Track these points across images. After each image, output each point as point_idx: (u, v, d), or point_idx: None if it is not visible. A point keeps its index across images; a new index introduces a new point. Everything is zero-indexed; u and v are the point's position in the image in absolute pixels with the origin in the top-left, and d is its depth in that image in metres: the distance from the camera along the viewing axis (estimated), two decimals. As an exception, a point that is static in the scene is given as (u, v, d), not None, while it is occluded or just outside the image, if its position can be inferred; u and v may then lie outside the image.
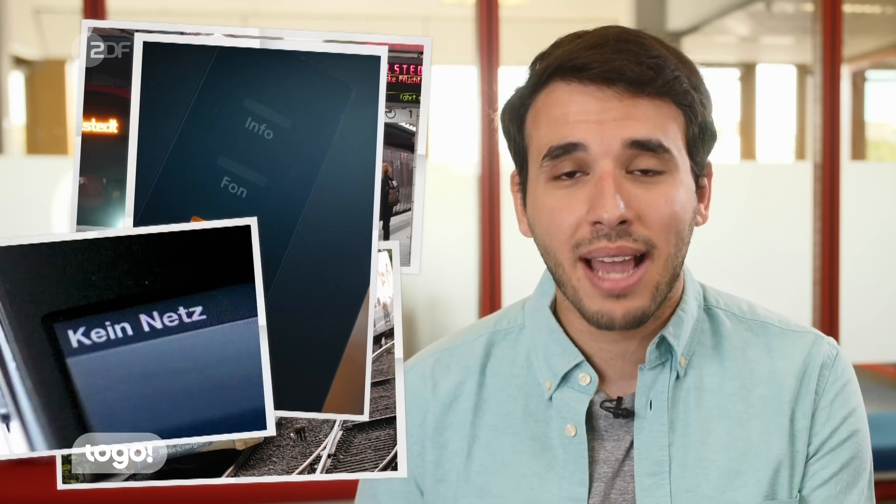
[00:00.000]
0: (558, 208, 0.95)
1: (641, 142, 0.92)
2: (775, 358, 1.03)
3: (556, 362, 1.02)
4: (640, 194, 0.93)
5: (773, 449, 0.99)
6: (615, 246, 0.92)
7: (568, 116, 0.94)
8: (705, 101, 0.98)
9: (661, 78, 0.93)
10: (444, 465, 1.04)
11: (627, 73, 0.92)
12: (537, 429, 1.02)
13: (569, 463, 0.99)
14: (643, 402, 0.99)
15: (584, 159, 0.93)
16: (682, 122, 0.96)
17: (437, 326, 3.66)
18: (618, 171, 0.93)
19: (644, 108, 0.93)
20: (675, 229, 0.94)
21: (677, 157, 0.95)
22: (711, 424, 1.00)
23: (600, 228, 0.92)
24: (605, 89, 0.93)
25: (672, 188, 0.94)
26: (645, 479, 0.98)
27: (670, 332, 1.00)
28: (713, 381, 1.01)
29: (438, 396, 1.05)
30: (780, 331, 1.05)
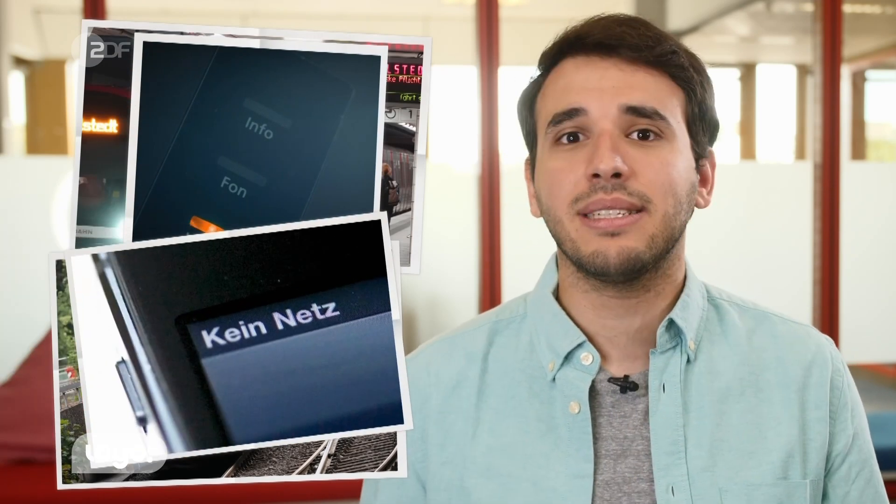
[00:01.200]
0: (559, 169, 0.99)
1: (637, 108, 0.97)
2: (780, 346, 1.06)
3: (559, 343, 1.03)
4: (636, 154, 0.97)
5: (784, 435, 1.02)
6: (611, 198, 0.95)
7: (571, 85, 1.00)
8: (706, 84, 1.02)
9: (659, 47, 0.98)
10: (449, 448, 1.04)
11: (627, 39, 0.98)
12: (542, 410, 1.02)
13: (573, 440, 1.00)
14: (656, 385, 1.01)
15: (584, 123, 0.98)
16: (681, 98, 1.00)
17: (437, 326, 3.66)
18: (616, 132, 0.97)
19: (642, 77, 0.98)
20: (671, 190, 0.97)
21: (674, 127, 0.99)
22: (725, 406, 1.02)
23: (597, 182, 0.96)
24: (606, 58, 0.99)
25: (669, 153, 0.98)
26: (662, 458, 0.99)
27: (678, 314, 1.02)
28: (724, 364, 1.04)
29: (441, 381, 1.06)
30: (782, 320, 1.09)
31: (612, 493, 0.99)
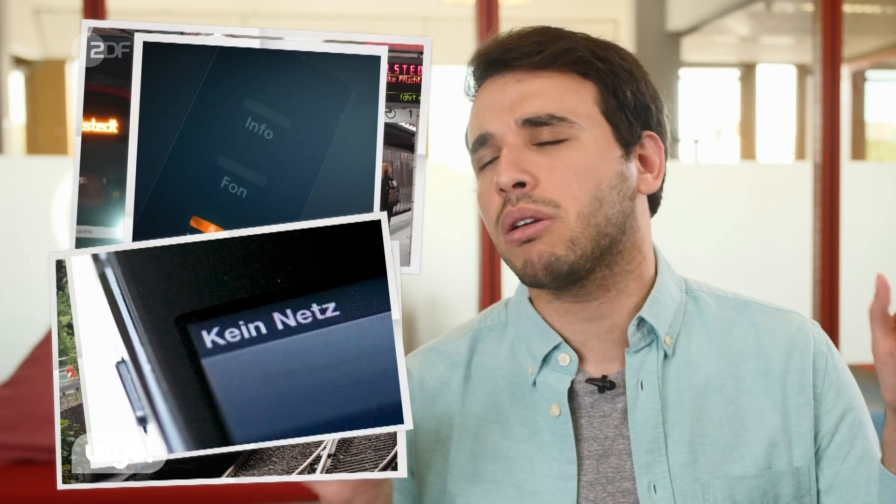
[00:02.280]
0: (482, 193, 1.02)
1: (532, 119, 0.98)
2: (761, 333, 1.05)
3: (536, 347, 1.04)
4: (541, 161, 0.97)
5: (766, 424, 1.01)
6: (517, 208, 0.97)
7: (479, 109, 1.03)
8: (620, 71, 1.01)
9: (548, 50, 0.99)
10: (433, 453, 1.05)
11: (517, 51, 1.00)
12: (524, 414, 1.03)
13: (556, 443, 1.01)
14: (634, 383, 1.01)
15: (494, 144, 1.00)
16: (591, 91, 1.00)
17: (437, 326, 3.66)
18: (519, 144, 0.98)
19: (539, 84, 0.99)
20: (583, 188, 0.97)
21: (580, 124, 0.99)
22: (704, 400, 1.02)
23: (505, 196, 0.97)
24: (505, 73, 1.01)
25: (575, 152, 0.98)
26: (642, 456, 0.99)
27: (647, 311, 1.02)
28: (702, 357, 1.04)
29: (425, 389, 1.07)
30: (762, 308, 1.08)
31: (596, 493, 0.99)
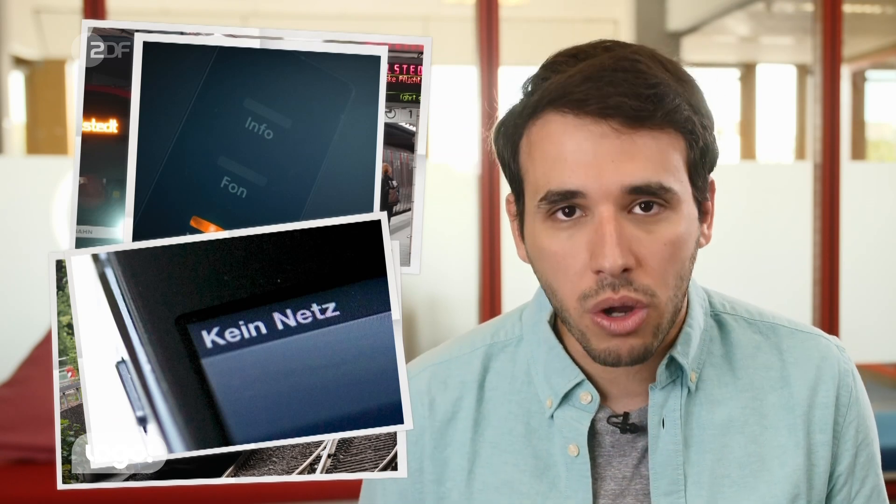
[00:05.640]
0: (561, 254, 0.92)
1: (641, 187, 0.89)
2: (787, 362, 1.03)
3: (557, 381, 1.00)
4: (641, 237, 0.90)
5: (788, 465, 0.99)
6: (619, 297, 0.90)
7: (564, 156, 0.91)
8: (706, 122, 0.94)
9: (660, 110, 0.89)
10: (446, 483, 1.03)
11: (625, 108, 0.88)
12: (540, 447, 1.01)
13: (571, 482, 0.99)
14: (655, 422, 0.98)
15: (582, 203, 0.91)
16: (682, 148, 0.92)
17: (437, 326, 3.66)
18: (618, 213, 0.90)
19: (643, 143, 0.89)
20: (675, 272, 0.92)
21: (679, 192, 0.92)
22: (726, 439, 1.00)
23: (604, 277, 0.90)
24: (602, 123, 0.89)
25: (674, 226, 0.92)
26: (661, 499, 0.97)
27: (678, 351, 0.99)
28: (725, 391, 1.01)
29: (436, 415, 1.04)
30: (789, 331, 1.05)
31: None
